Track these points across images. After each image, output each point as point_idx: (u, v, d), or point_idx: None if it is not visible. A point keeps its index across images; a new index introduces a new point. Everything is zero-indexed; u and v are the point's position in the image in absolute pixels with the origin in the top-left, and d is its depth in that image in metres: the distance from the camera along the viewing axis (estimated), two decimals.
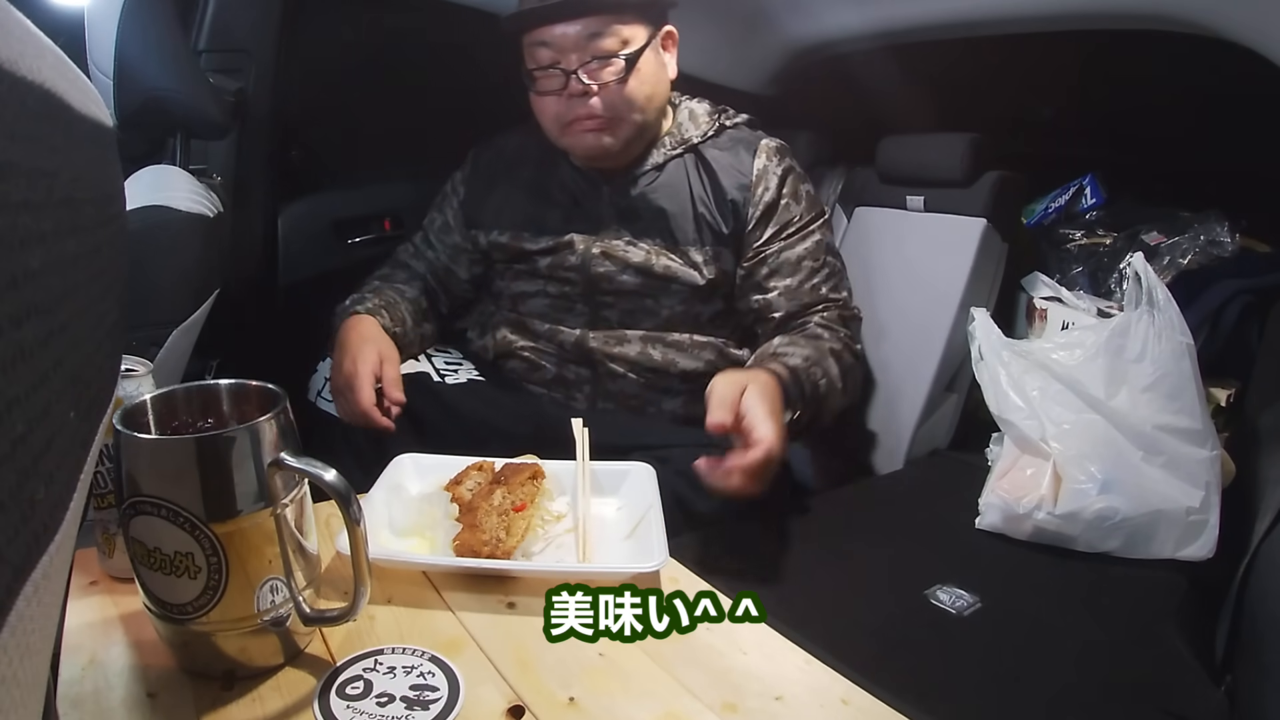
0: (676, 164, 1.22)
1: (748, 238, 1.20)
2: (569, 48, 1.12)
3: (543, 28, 1.13)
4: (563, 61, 1.13)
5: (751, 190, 1.19)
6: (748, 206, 1.19)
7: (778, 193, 1.20)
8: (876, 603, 0.89)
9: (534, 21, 1.13)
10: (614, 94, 1.13)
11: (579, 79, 1.12)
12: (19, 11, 0.22)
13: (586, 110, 1.13)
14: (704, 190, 1.20)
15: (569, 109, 1.14)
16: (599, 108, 1.13)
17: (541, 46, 1.14)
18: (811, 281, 1.20)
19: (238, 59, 1.30)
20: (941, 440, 1.34)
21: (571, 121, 1.15)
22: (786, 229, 1.20)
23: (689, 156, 1.22)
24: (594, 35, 1.12)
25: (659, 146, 1.23)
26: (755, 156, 1.21)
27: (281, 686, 0.52)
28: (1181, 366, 1.01)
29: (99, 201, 0.30)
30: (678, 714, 0.50)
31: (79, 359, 0.26)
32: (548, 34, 1.13)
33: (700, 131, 1.23)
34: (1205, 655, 0.82)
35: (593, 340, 1.20)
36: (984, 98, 1.64)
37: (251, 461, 0.49)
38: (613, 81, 1.13)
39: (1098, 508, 0.96)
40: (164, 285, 1.02)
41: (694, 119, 1.25)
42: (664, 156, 1.22)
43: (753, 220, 1.20)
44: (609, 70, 1.13)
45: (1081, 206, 1.55)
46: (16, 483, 0.19)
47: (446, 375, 1.21)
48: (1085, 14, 1.24)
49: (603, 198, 1.21)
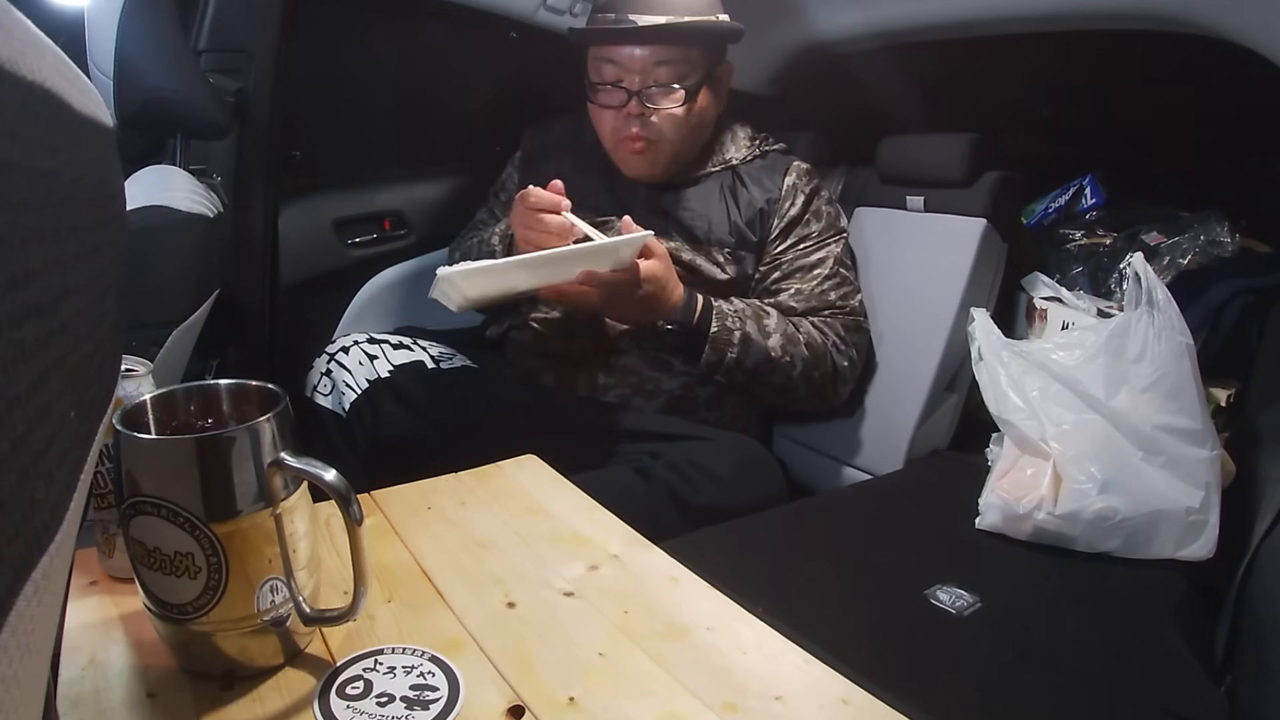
0: (714, 178, 1.28)
1: (769, 246, 1.27)
2: (635, 69, 1.18)
3: (611, 46, 1.17)
4: (625, 81, 1.19)
5: (779, 204, 1.27)
6: (773, 218, 1.27)
7: (803, 209, 1.28)
8: (876, 603, 0.89)
9: (608, 39, 1.17)
10: (666, 120, 1.20)
11: (639, 101, 1.17)
12: (19, 11, 0.22)
13: (639, 130, 1.20)
14: (735, 202, 1.28)
15: (624, 126, 1.21)
16: (651, 131, 1.20)
17: (608, 63, 1.20)
18: (821, 287, 1.26)
19: (238, 59, 1.30)
20: (941, 440, 1.34)
21: (624, 139, 1.21)
22: (805, 240, 1.28)
23: (726, 174, 1.28)
24: (660, 63, 1.18)
25: (700, 163, 1.28)
26: (786, 175, 1.29)
27: (281, 686, 0.52)
28: (1181, 366, 1.01)
29: (99, 201, 0.30)
30: (678, 714, 0.50)
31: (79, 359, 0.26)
32: (616, 53, 1.19)
33: (740, 155, 1.31)
34: (1205, 655, 0.82)
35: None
36: (984, 98, 1.64)
37: (251, 461, 0.49)
38: (668, 109, 1.16)
39: (1098, 508, 0.96)
40: (164, 285, 1.02)
41: (735, 142, 1.33)
42: (702, 172, 1.28)
43: (775, 231, 1.27)
44: (668, 98, 1.18)
45: (1081, 206, 1.55)
46: (17, 482, 0.19)
47: (442, 362, 1.23)
48: (1085, 14, 1.24)
49: (638, 196, 1.28)
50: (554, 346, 1.25)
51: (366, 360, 1.21)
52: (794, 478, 1.38)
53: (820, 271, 1.26)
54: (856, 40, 1.56)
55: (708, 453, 1.10)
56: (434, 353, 1.25)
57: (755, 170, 1.29)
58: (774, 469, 1.19)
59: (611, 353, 1.22)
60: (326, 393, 1.21)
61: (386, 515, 0.73)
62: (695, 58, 1.20)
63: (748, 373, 1.19)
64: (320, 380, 1.22)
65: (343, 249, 1.53)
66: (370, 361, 1.21)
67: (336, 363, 1.22)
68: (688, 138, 1.23)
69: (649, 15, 1.16)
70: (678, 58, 1.18)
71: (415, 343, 1.26)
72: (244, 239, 1.37)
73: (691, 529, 1.00)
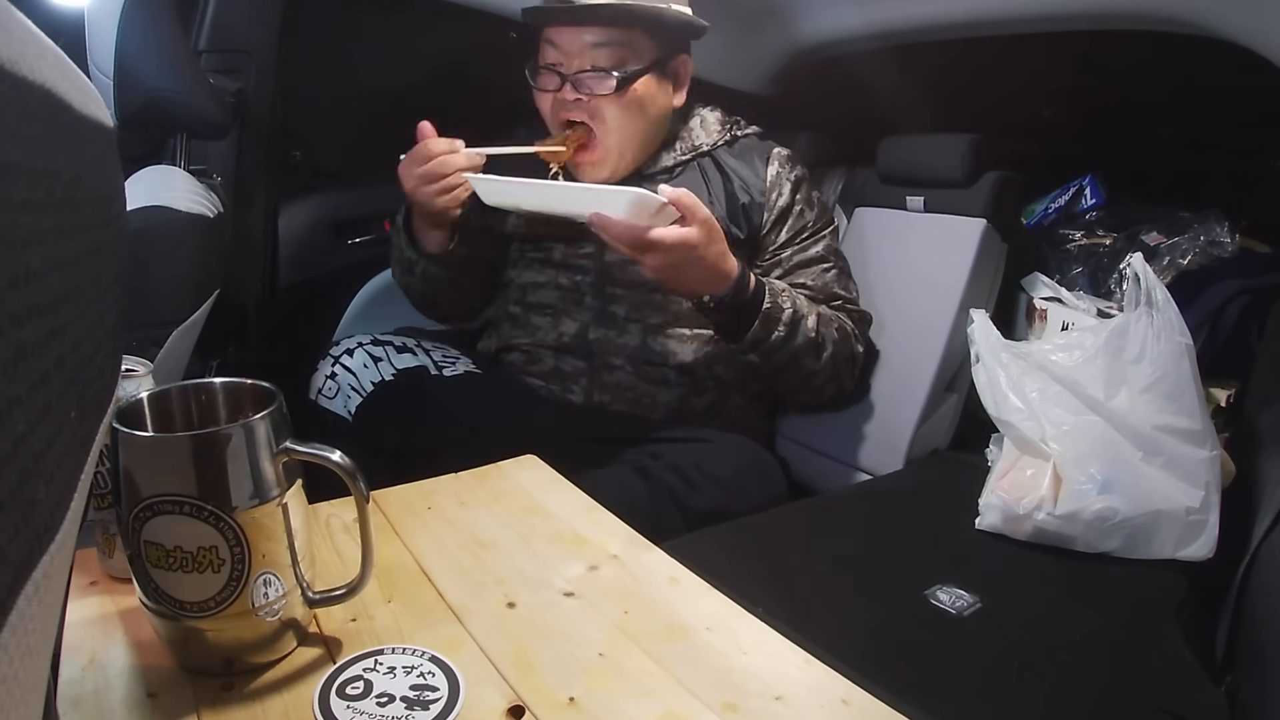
0: (692, 168, 1.24)
1: (763, 241, 1.24)
2: (572, 52, 1.14)
3: (554, 27, 1.14)
4: (562, 64, 1.15)
5: (766, 195, 1.24)
6: (762, 211, 1.23)
7: (791, 198, 1.24)
8: (876, 603, 0.89)
9: (546, 19, 1.15)
10: (598, 109, 1.15)
11: (571, 85, 1.14)
12: (19, 11, 0.22)
13: (570, 116, 1.16)
14: (720, 193, 1.23)
15: (560, 110, 1.17)
16: (582, 117, 1.15)
17: (549, 45, 1.16)
18: (825, 279, 1.24)
19: (238, 59, 1.31)
20: (941, 440, 1.34)
21: (559, 125, 1.17)
22: (801, 234, 1.24)
23: (704, 161, 1.24)
24: (597, 45, 1.13)
25: (668, 150, 1.25)
26: (768, 164, 1.25)
27: (281, 686, 0.52)
28: (1181, 367, 1.01)
29: (99, 201, 0.30)
30: (678, 714, 0.50)
31: (80, 359, 0.26)
32: (556, 34, 1.15)
33: (711, 140, 1.26)
34: (1205, 655, 0.82)
35: (593, 333, 1.21)
36: (984, 98, 1.64)
37: (269, 450, 0.50)
38: (601, 96, 1.14)
39: (1098, 508, 0.96)
40: (164, 285, 1.02)
41: (705, 126, 1.28)
42: (673, 160, 1.24)
43: (767, 225, 1.24)
44: (600, 82, 1.14)
45: (1081, 207, 1.55)
46: (17, 482, 0.19)
47: (445, 367, 1.23)
48: (1085, 14, 1.24)
49: None
50: (546, 367, 1.24)
51: (371, 363, 1.21)
52: (794, 478, 1.38)
53: (821, 265, 1.23)
54: (856, 40, 1.56)
55: (708, 455, 1.09)
56: (436, 356, 1.25)
57: (734, 158, 1.25)
58: (775, 471, 1.18)
59: (604, 369, 1.21)
60: (331, 396, 1.21)
61: (386, 515, 0.73)
62: (640, 45, 1.14)
63: (787, 354, 1.12)
64: (325, 383, 1.22)
65: (343, 249, 1.53)
66: (375, 364, 1.21)
67: (341, 365, 1.22)
68: (632, 131, 1.17)
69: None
70: (618, 40, 1.13)
71: (419, 345, 1.26)
72: (244, 239, 1.37)
73: (691, 531, 1.00)
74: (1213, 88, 1.42)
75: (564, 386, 1.23)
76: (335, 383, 1.21)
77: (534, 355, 1.24)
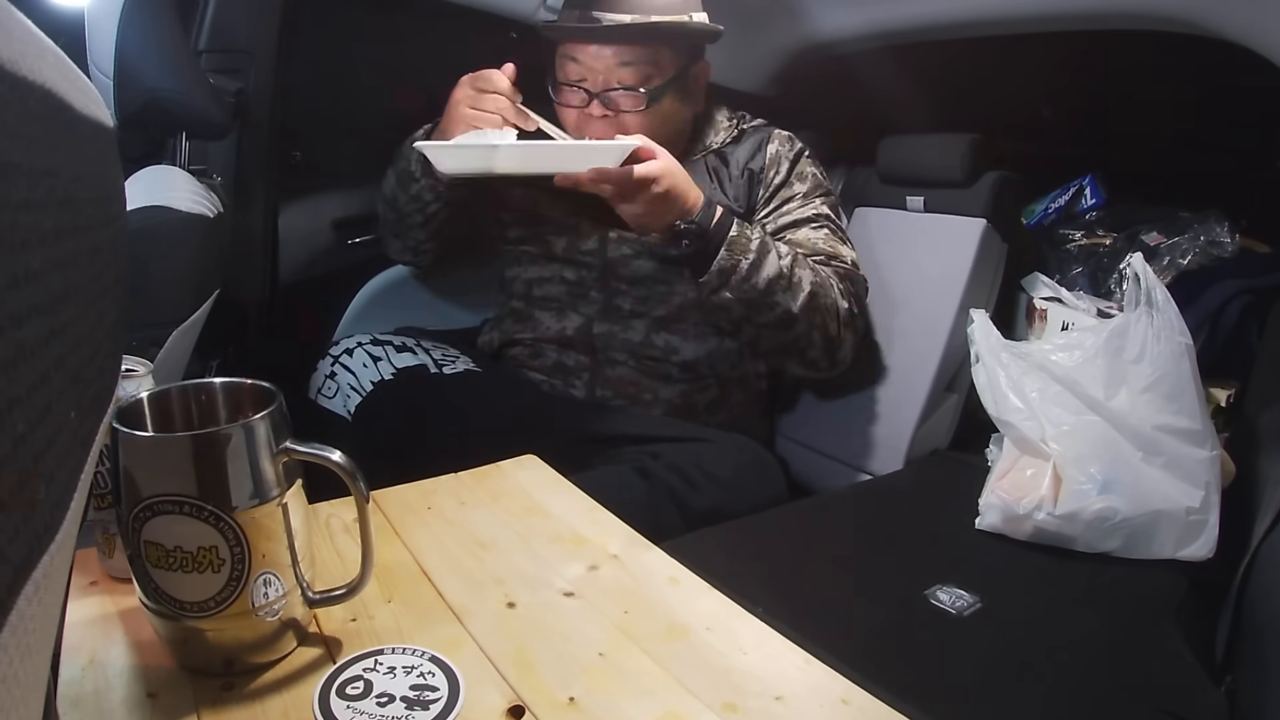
0: (699, 164, 1.27)
1: (757, 212, 1.25)
2: (597, 70, 1.15)
3: (576, 44, 1.14)
4: (588, 81, 1.15)
5: (764, 173, 1.25)
6: (759, 187, 1.25)
7: (788, 174, 1.26)
8: (876, 603, 0.89)
9: (570, 36, 1.15)
10: (628, 124, 1.15)
11: (600, 103, 1.14)
12: (19, 11, 0.22)
13: (600, 132, 1.16)
14: (722, 180, 1.25)
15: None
16: (611, 134, 1.15)
17: (571, 61, 1.16)
18: (810, 235, 1.22)
19: (238, 59, 1.30)
20: (941, 440, 1.34)
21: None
22: (790, 200, 1.25)
23: (710, 158, 1.27)
24: (625, 63, 1.14)
25: (681, 154, 1.26)
26: (769, 144, 1.27)
27: (281, 687, 0.52)
28: (1181, 367, 1.01)
29: (99, 201, 0.30)
30: (678, 714, 0.50)
31: (80, 359, 0.26)
32: (580, 51, 1.15)
33: (720, 139, 1.28)
34: (1205, 655, 0.82)
35: (597, 327, 1.21)
36: (984, 98, 1.64)
37: (268, 450, 0.50)
38: (630, 112, 1.14)
39: (1098, 508, 0.96)
40: (164, 285, 1.02)
41: (714, 125, 1.29)
42: (685, 161, 1.25)
43: (761, 199, 1.25)
44: (629, 100, 1.14)
45: (1081, 207, 1.55)
46: (17, 482, 0.19)
47: (444, 366, 1.23)
48: (1085, 14, 1.24)
49: None
50: (548, 362, 1.24)
51: (370, 362, 1.21)
52: (794, 478, 1.38)
53: (810, 227, 1.22)
54: (857, 40, 1.56)
55: (708, 454, 1.09)
56: (436, 355, 1.25)
57: (738, 147, 1.27)
58: (775, 471, 1.18)
59: (607, 364, 1.21)
60: (331, 395, 1.21)
61: (386, 515, 0.73)
62: (664, 59, 1.15)
63: (759, 290, 1.10)
64: (324, 383, 1.22)
65: (343, 249, 1.53)
66: (374, 364, 1.21)
67: (341, 365, 1.22)
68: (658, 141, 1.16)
69: (615, 14, 1.12)
70: (644, 59, 1.14)
71: (419, 344, 1.26)
72: (244, 239, 1.37)
73: (691, 530, 1.00)
74: (1213, 88, 1.42)
75: (566, 381, 1.23)
76: (335, 382, 1.21)
77: (537, 350, 1.25)
